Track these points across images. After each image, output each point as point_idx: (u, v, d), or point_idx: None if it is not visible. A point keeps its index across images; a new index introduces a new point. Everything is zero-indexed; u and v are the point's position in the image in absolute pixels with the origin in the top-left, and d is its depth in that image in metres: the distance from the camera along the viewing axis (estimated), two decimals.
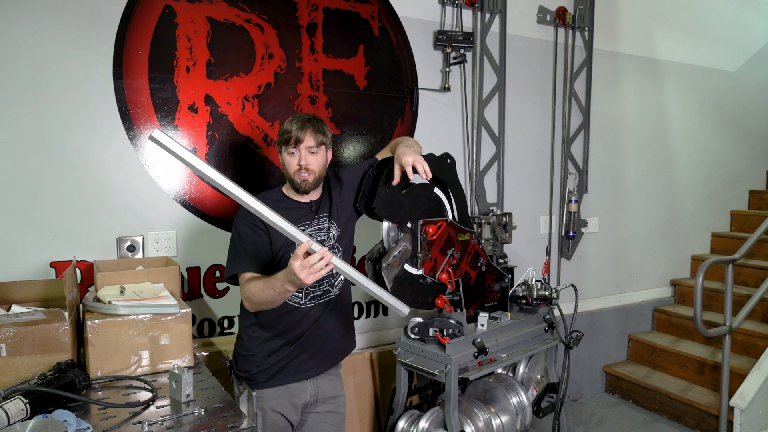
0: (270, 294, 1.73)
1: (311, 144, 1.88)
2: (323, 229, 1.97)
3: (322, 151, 1.92)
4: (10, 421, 1.36)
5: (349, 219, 2.06)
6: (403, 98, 2.99)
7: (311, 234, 1.93)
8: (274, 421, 1.94)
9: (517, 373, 2.69)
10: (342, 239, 2.02)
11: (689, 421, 3.44)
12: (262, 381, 1.93)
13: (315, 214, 1.97)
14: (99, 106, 2.29)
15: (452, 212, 2.39)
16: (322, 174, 1.95)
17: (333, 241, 1.98)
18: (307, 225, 1.94)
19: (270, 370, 1.94)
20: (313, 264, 1.55)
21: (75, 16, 2.24)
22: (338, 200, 2.03)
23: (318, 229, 1.97)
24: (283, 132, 1.90)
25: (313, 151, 1.89)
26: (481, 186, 3.26)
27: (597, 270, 3.88)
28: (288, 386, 1.96)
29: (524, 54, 3.40)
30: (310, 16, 2.70)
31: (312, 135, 1.88)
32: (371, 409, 2.84)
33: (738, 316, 3.25)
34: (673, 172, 4.24)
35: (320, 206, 1.99)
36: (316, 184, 1.94)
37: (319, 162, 1.91)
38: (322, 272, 1.57)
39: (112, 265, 2.22)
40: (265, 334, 1.94)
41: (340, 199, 2.04)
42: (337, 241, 2.00)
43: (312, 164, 1.89)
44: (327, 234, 1.97)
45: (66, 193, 2.26)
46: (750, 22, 4.55)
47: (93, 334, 1.76)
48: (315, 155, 1.90)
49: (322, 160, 1.93)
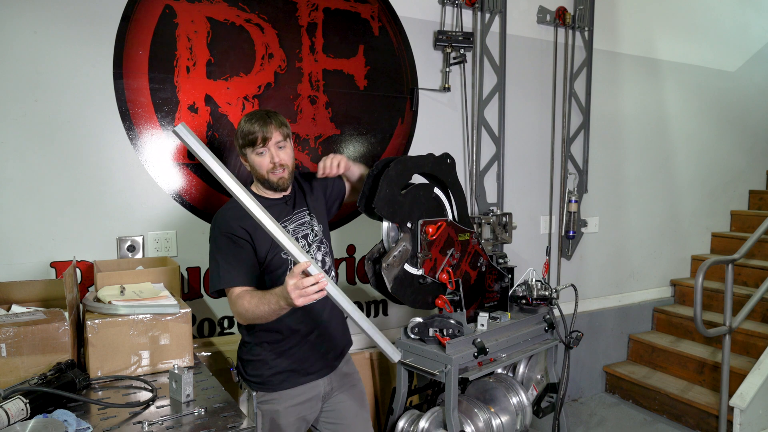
0: (264, 310, 1.67)
1: (279, 139, 1.83)
2: (305, 222, 1.95)
3: (289, 143, 1.88)
4: (10, 421, 1.36)
5: (324, 214, 2.04)
6: (403, 98, 2.99)
7: (295, 230, 1.91)
8: (289, 422, 1.89)
9: (517, 373, 2.69)
10: (326, 235, 2.01)
11: (689, 421, 3.44)
12: (276, 384, 1.89)
13: (293, 209, 1.95)
14: (99, 106, 2.29)
15: (452, 212, 2.39)
16: (293, 167, 1.91)
17: (320, 236, 1.97)
18: (288, 221, 1.91)
19: (283, 373, 1.89)
20: (306, 287, 1.50)
21: (75, 16, 2.24)
22: (311, 194, 2.01)
23: (300, 223, 1.94)
24: (246, 133, 1.81)
25: (281, 146, 1.84)
26: (481, 186, 3.27)
27: (597, 270, 3.88)
28: (303, 386, 1.93)
29: (524, 54, 3.40)
30: (310, 16, 2.70)
31: (277, 129, 1.82)
32: (371, 409, 2.84)
33: (738, 316, 3.25)
34: (673, 172, 4.24)
35: (296, 200, 1.96)
36: (290, 179, 1.90)
37: (289, 155, 1.88)
38: (313, 297, 1.52)
39: (112, 265, 2.22)
40: (272, 336, 1.89)
41: (312, 194, 2.02)
42: (324, 236, 1.99)
43: (284, 159, 1.85)
44: (310, 228, 1.95)
45: (66, 194, 2.26)
46: (750, 22, 4.55)
47: (93, 334, 1.76)
48: (284, 149, 1.86)
49: (291, 153, 1.90)
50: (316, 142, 2.75)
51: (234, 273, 1.79)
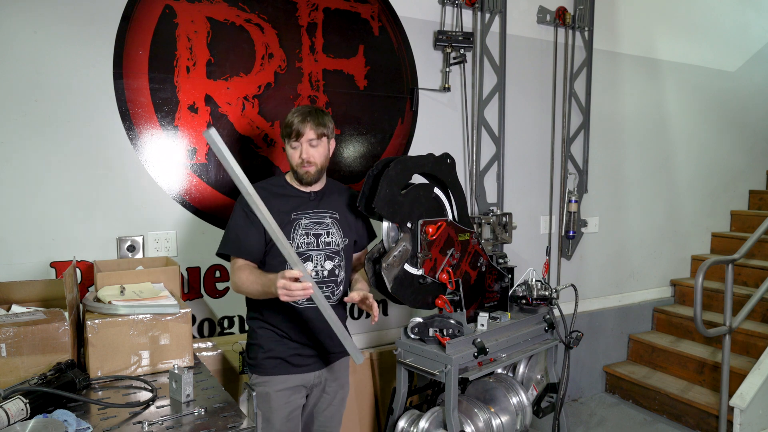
0: (256, 289, 1.83)
1: (312, 137, 1.93)
2: (323, 224, 2.01)
3: (323, 142, 1.97)
4: (10, 421, 1.36)
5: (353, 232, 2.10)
6: (403, 98, 2.99)
7: (308, 225, 1.98)
8: (278, 405, 1.98)
9: (517, 373, 2.69)
10: (347, 250, 2.06)
11: (689, 421, 3.44)
12: (269, 368, 1.98)
13: (317, 205, 2.02)
14: (99, 106, 2.29)
15: (452, 212, 2.39)
16: (324, 165, 2.00)
17: (337, 247, 2.02)
18: (304, 213, 1.99)
19: (276, 359, 1.98)
20: (293, 290, 1.63)
21: (75, 16, 2.24)
22: (346, 210, 2.08)
23: (317, 222, 2.00)
24: (286, 125, 1.96)
25: (314, 144, 1.94)
26: (481, 186, 3.27)
27: (597, 270, 3.88)
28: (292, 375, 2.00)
29: (524, 54, 3.40)
30: (310, 16, 2.70)
31: (312, 128, 1.92)
32: (371, 409, 2.84)
33: (738, 316, 3.25)
34: (673, 172, 4.24)
35: (322, 200, 2.04)
36: (319, 175, 2.00)
37: (321, 154, 1.96)
38: (296, 296, 1.65)
39: (112, 265, 2.22)
40: (271, 326, 2.00)
41: (348, 212, 2.09)
42: (344, 251, 2.04)
43: (313, 156, 1.95)
44: (327, 231, 2.01)
45: (66, 194, 2.26)
46: (750, 22, 4.55)
47: (93, 334, 1.76)
48: (316, 147, 1.95)
49: (324, 151, 1.98)
50: None
51: (240, 244, 1.94)
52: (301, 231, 1.97)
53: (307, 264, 1.94)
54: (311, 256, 1.98)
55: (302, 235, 1.97)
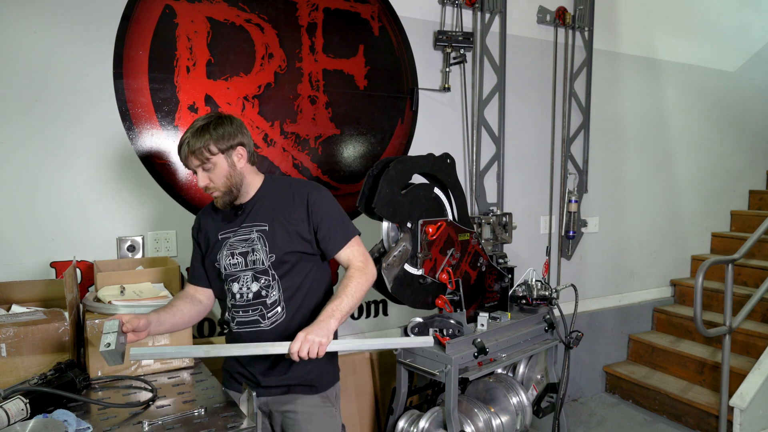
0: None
1: (196, 164, 1.68)
2: (249, 239, 1.74)
3: (218, 161, 1.68)
4: (10, 421, 1.36)
5: (295, 239, 1.73)
6: (403, 98, 2.99)
7: (233, 244, 1.75)
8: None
9: (517, 373, 2.69)
10: (280, 262, 1.72)
11: (689, 421, 3.44)
12: (223, 380, 1.86)
13: (243, 220, 1.76)
14: (99, 106, 2.29)
15: (452, 212, 2.39)
16: (233, 182, 1.71)
17: (263, 264, 1.72)
18: (232, 231, 1.77)
19: (226, 372, 1.87)
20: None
21: (75, 16, 2.24)
22: (279, 219, 1.73)
23: (244, 239, 1.75)
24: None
25: (206, 168, 1.68)
26: (481, 186, 3.27)
27: (597, 270, 3.88)
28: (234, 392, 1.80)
29: (524, 54, 3.40)
30: (310, 16, 2.70)
31: (193, 157, 1.67)
32: (371, 409, 2.84)
33: (738, 316, 3.25)
34: (673, 172, 4.24)
35: (251, 212, 1.76)
36: (231, 196, 1.72)
37: (219, 174, 1.69)
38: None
39: (112, 265, 2.22)
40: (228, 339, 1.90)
41: (279, 221, 1.73)
42: (274, 267, 1.72)
43: (212, 181, 1.70)
44: (252, 247, 1.73)
45: (66, 193, 2.26)
46: (750, 22, 4.55)
47: (93, 334, 1.76)
48: (211, 171, 1.68)
49: (223, 170, 1.69)
50: (316, 142, 2.75)
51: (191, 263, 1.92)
52: (226, 252, 1.76)
53: (233, 285, 1.76)
54: (239, 277, 1.75)
55: (227, 256, 1.75)
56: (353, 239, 1.78)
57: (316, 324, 1.56)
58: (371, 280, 1.75)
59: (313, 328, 1.55)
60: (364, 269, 1.74)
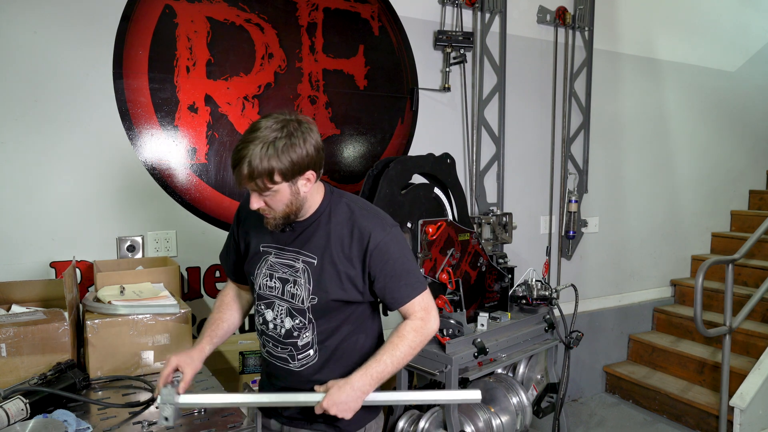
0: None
1: (252, 188, 1.38)
2: (293, 268, 1.48)
3: (281, 188, 1.36)
4: (10, 421, 1.36)
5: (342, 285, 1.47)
6: (403, 98, 2.99)
7: (274, 265, 1.51)
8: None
9: (517, 373, 2.69)
10: (322, 307, 1.47)
11: (689, 421, 3.44)
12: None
13: (292, 241, 1.50)
14: (99, 106, 2.29)
15: (452, 212, 2.39)
16: (293, 210, 1.42)
17: (302, 304, 1.47)
18: (275, 248, 1.51)
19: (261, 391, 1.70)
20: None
21: (75, 16, 2.24)
22: (331, 256, 1.46)
23: (288, 264, 1.49)
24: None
25: (264, 194, 1.38)
26: (481, 186, 3.27)
27: (597, 270, 3.88)
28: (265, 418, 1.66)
29: (524, 54, 3.40)
30: (310, 16, 2.70)
31: (249, 182, 1.35)
32: None
33: (738, 316, 3.25)
34: (673, 172, 4.24)
35: (302, 234, 1.49)
36: (286, 221, 1.44)
37: (279, 202, 1.39)
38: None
39: (112, 265, 2.22)
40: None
41: (330, 259, 1.46)
42: (314, 307, 1.46)
43: (270, 206, 1.41)
44: (294, 280, 1.47)
45: (66, 193, 2.26)
46: (749, 22, 4.55)
47: (93, 334, 1.76)
48: (269, 197, 1.38)
49: (284, 198, 1.39)
50: None
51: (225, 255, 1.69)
52: (264, 270, 1.52)
53: (267, 312, 1.53)
54: (273, 304, 1.51)
55: (264, 276, 1.51)
56: (419, 295, 1.51)
57: (350, 384, 1.39)
58: (426, 341, 1.51)
59: (346, 388, 1.39)
60: (421, 329, 1.50)
